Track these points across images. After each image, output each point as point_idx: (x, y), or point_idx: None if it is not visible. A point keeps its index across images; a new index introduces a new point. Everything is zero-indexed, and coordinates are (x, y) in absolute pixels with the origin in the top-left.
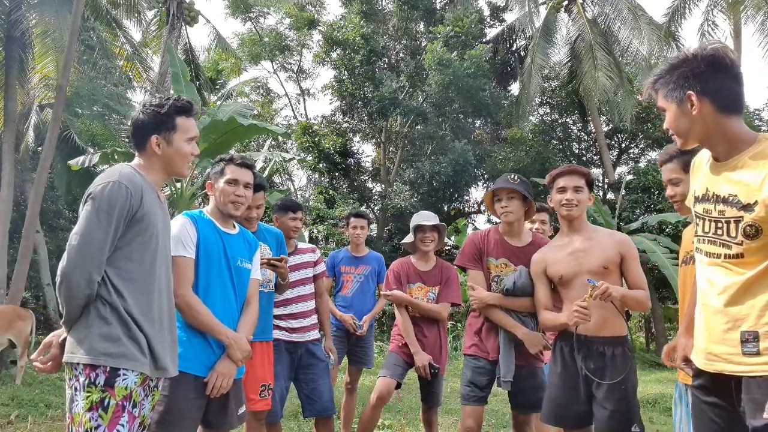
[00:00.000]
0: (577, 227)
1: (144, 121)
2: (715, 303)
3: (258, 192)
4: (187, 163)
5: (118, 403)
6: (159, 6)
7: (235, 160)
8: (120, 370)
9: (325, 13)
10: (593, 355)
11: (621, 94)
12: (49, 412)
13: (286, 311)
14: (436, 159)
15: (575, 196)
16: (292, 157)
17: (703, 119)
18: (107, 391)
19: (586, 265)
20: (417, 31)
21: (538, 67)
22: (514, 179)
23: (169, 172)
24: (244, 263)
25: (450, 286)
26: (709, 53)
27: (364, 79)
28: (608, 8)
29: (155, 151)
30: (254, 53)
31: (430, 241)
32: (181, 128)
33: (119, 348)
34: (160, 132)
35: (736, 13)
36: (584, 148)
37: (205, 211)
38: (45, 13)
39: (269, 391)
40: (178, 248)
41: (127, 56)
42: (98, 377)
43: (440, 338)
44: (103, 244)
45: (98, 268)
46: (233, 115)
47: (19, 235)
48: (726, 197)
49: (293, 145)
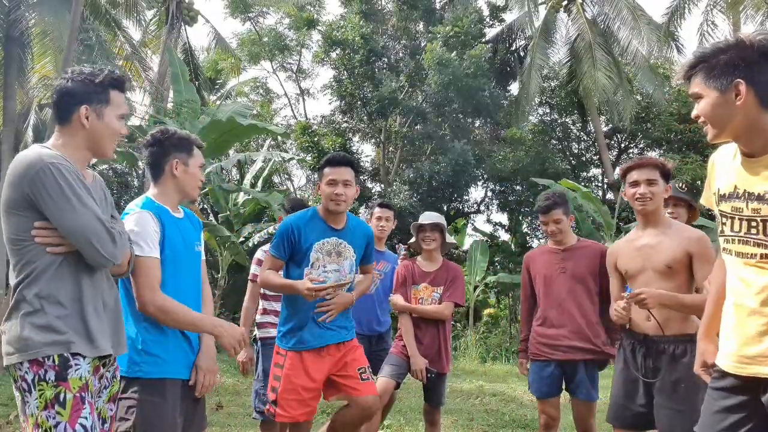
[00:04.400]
0: (653, 221)
1: (73, 90)
2: (751, 303)
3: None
4: (114, 143)
5: (75, 396)
6: (158, 6)
7: (198, 143)
8: (70, 360)
9: (325, 12)
10: (652, 354)
11: (620, 94)
12: None
13: (276, 308)
14: (435, 159)
15: (649, 189)
16: (291, 156)
17: (745, 111)
18: (61, 385)
19: (651, 262)
20: (416, 31)
21: (537, 67)
22: (681, 188)
23: (93, 150)
24: (198, 247)
25: (455, 286)
26: (764, 42)
27: (363, 79)
28: (608, 8)
29: (83, 123)
30: (253, 53)
31: (431, 240)
32: (114, 102)
33: (60, 335)
34: (91, 103)
35: (736, 13)
36: (584, 147)
37: (152, 197)
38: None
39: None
40: (141, 248)
41: (126, 56)
42: (47, 373)
43: (440, 339)
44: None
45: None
46: (233, 115)
47: None
48: (762, 194)
49: (292, 144)
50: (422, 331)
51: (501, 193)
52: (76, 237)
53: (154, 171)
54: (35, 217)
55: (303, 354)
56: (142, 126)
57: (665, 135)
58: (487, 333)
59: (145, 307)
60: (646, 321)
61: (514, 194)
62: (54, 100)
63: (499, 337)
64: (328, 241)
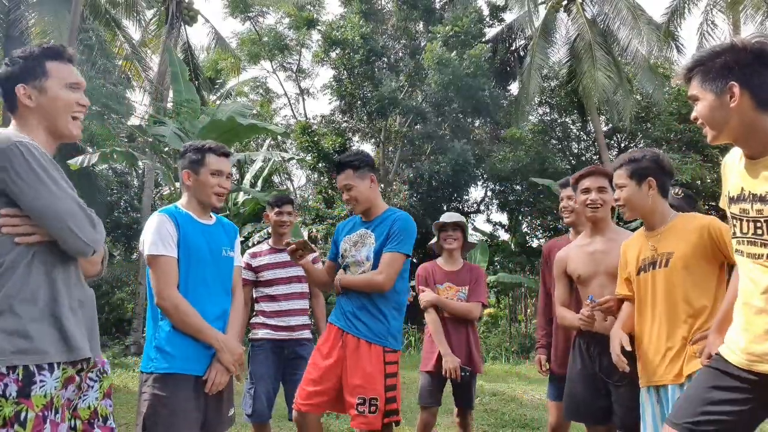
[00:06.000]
0: (601, 228)
1: (9, 72)
2: (757, 302)
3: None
4: (70, 116)
5: (37, 415)
6: (158, 5)
7: (215, 150)
8: (35, 375)
9: (325, 12)
10: (608, 353)
11: (620, 93)
12: None
13: (271, 308)
14: (435, 159)
15: (599, 197)
16: (291, 156)
17: (740, 113)
18: (23, 403)
19: (603, 266)
20: (416, 31)
21: (537, 67)
22: (678, 194)
23: (51, 130)
24: (228, 252)
25: (480, 286)
26: (758, 46)
27: (363, 79)
28: (607, 8)
29: (26, 104)
30: (253, 53)
31: (453, 239)
32: (54, 74)
33: (30, 343)
34: (27, 80)
35: (736, 12)
36: (583, 147)
37: (179, 205)
38: (44, 12)
39: (373, 406)
40: (158, 247)
41: (126, 56)
42: (8, 387)
43: (469, 339)
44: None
45: None
46: (232, 114)
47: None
48: (764, 196)
49: (292, 144)
50: (451, 332)
51: (501, 193)
52: (52, 221)
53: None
54: (2, 204)
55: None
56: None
57: (665, 135)
58: (486, 333)
59: (161, 301)
60: (603, 322)
61: (514, 194)
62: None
63: (499, 337)
64: (357, 233)
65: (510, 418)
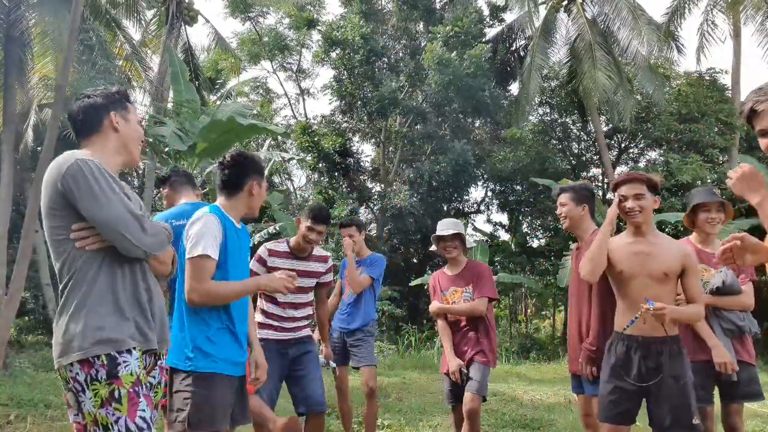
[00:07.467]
0: (643, 231)
1: (97, 102)
2: None
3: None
4: (139, 147)
5: (129, 391)
6: (158, 6)
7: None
8: (118, 359)
9: (325, 12)
10: (652, 355)
11: (620, 93)
12: (49, 412)
13: (275, 311)
14: (435, 159)
15: (636, 204)
16: (291, 156)
17: None
18: (114, 383)
19: (648, 268)
20: (416, 31)
21: (537, 67)
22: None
23: (123, 154)
24: (249, 258)
25: (482, 282)
26: None
27: (363, 79)
28: (608, 8)
29: (114, 128)
30: (253, 53)
31: (452, 248)
32: (131, 110)
33: (107, 334)
34: (117, 110)
35: (736, 13)
36: (584, 147)
37: (221, 207)
38: (44, 12)
39: None
40: (205, 247)
41: (126, 56)
42: (98, 372)
43: (478, 335)
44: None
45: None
46: (233, 114)
47: (18, 235)
48: None
49: (292, 144)
50: (455, 333)
51: (501, 193)
52: (107, 229)
53: (231, 188)
54: (73, 216)
55: None
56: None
57: (665, 135)
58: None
59: (190, 296)
60: (642, 324)
61: (514, 194)
62: (76, 116)
63: (499, 337)
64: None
65: (510, 418)
